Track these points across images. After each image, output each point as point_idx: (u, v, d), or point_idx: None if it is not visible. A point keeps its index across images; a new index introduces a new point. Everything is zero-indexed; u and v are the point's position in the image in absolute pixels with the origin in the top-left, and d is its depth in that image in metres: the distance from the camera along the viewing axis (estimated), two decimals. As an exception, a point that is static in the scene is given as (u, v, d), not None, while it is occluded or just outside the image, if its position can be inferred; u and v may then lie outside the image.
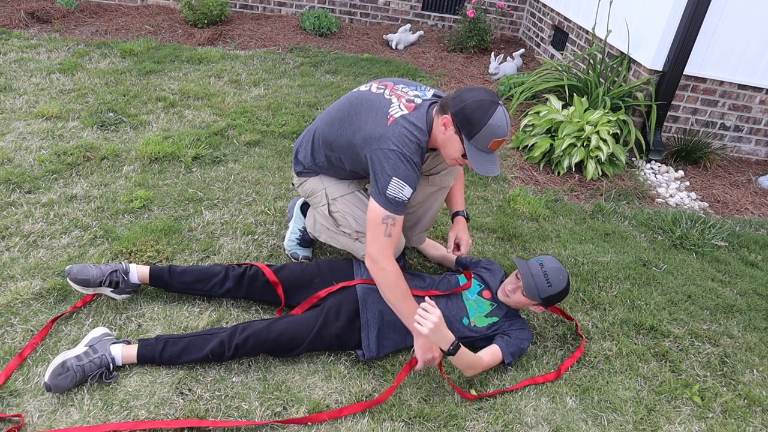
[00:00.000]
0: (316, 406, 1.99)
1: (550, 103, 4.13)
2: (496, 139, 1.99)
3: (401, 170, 2.00)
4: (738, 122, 4.46)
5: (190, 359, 2.05)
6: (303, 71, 5.02)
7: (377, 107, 2.10)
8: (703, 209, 3.77)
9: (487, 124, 1.96)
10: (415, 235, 2.64)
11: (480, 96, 1.98)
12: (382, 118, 2.06)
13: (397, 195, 2.01)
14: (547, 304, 2.24)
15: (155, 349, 2.03)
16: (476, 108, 1.96)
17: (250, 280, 2.32)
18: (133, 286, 2.29)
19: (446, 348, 1.98)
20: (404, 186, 2.01)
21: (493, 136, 1.98)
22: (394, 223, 2.04)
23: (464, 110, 1.97)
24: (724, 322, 2.72)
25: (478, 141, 1.99)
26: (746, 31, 4.08)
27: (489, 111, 1.96)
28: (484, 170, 2.02)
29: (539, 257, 2.26)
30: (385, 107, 2.09)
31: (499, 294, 2.31)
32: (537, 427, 2.04)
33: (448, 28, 6.81)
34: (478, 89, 2.01)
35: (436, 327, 1.93)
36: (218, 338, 2.06)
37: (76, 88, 4.10)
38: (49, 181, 2.99)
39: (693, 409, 2.22)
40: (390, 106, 2.09)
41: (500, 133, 1.98)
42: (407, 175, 2.01)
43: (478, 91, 2.00)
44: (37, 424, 1.81)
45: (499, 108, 1.98)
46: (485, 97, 1.97)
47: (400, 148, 2.00)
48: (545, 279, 2.18)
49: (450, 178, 2.45)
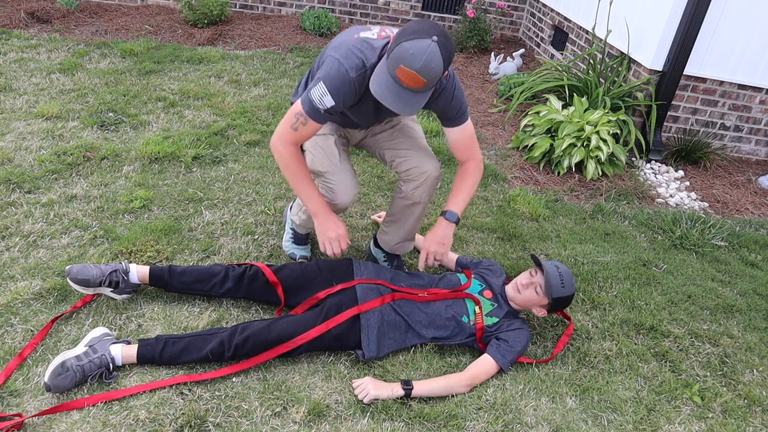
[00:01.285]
0: (316, 406, 1.99)
1: (550, 103, 4.13)
2: (402, 65, 1.77)
3: (330, 78, 1.93)
4: (738, 122, 4.46)
5: (190, 359, 2.05)
6: (303, 71, 5.02)
7: (355, 29, 2.04)
8: (703, 209, 3.77)
9: (401, 44, 1.77)
10: (396, 243, 2.58)
11: (422, 25, 1.79)
12: (349, 34, 2.01)
13: (316, 100, 1.95)
14: (554, 306, 2.26)
15: (155, 349, 2.03)
16: (407, 29, 1.80)
17: (250, 280, 2.32)
18: (133, 286, 2.29)
19: (401, 387, 2.05)
20: (326, 94, 1.93)
21: (399, 60, 1.77)
22: (305, 123, 2.00)
23: (400, 32, 1.82)
24: (724, 322, 2.72)
25: (389, 60, 1.82)
26: (746, 31, 4.08)
27: (413, 36, 1.77)
28: (378, 91, 1.85)
29: (552, 261, 2.31)
30: (360, 30, 2.03)
31: (508, 289, 2.32)
32: (537, 427, 2.04)
33: (448, 28, 6.81)
34: (430, 23, 1.82)
35: (374, 385, 2.04)
36: (218, 338, 2.06)
37: (76, 88, 4.10)
38: (49, 181, 2.99)
39: (693, 409, 2.22)
40: (365, 30, 2.02)
41: (408, 61, 1.76)
42: (334, 85, 1.93)
43: (427, 23, 1.81)
44: (37, 424, 1.81)
45: (425, 41, 1.75)
46: (424, 27, 1.78)
47: (342, 59, 1.93)
48: (560, 279, 2.22)
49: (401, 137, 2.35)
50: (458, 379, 2.12)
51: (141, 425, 1.84)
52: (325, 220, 2.11)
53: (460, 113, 2.17)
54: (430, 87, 1.85)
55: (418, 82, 1.80)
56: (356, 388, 2.05)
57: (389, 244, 2.59)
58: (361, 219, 3.05)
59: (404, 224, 2.49)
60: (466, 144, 2.25)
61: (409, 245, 2.63)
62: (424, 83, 1.81)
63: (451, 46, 1.82)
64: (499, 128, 4.47)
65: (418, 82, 1.80)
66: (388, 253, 2.64)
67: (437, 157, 3.77)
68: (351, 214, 3.09)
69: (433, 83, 1.83)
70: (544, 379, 2.24)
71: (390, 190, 3.34)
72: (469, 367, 2.17)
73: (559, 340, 2.40)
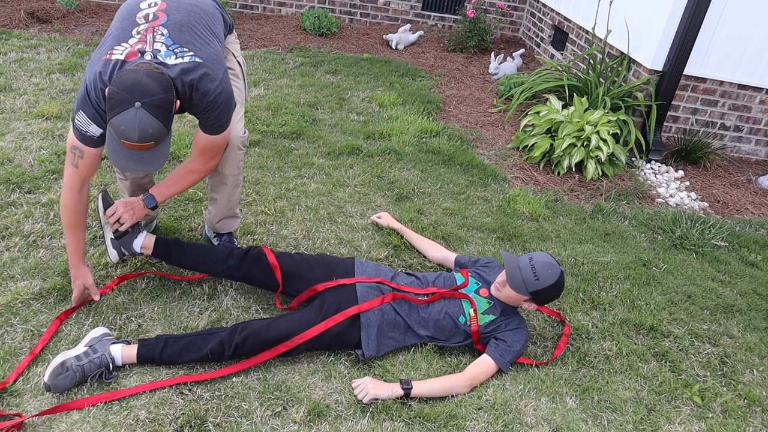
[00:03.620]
0: (316, 406, 1.99)
1: (550, 103, 4.13)
2: (123, 140, 1.77)
3: (88, 107, 1.89)
4: (738, 122, 4.46)
5: (190, 359, 2.05)
6: (303, 71, 5.02)
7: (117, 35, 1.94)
8: (703, 209, 3.77)
9: (110, 122, 1.77)
10: (218, 221, 2.59)
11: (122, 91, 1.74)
12: (107, 47, 1.92)
13: (84, 128, 1.92)
14: (539, 299, 2.21)
15: (155, 348, 2.03)
16: (112, 96, 1.75)
17: (253, 260, 2.34)
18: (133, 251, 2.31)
19: (401, 387, 2.05)
20: (90, 123, 1.91)
21: (119, 135, 1.77)
22: (82, 155, 1.97)
23: (109, 91, 1.77)
24: (724, 322, 2.72)
25: (112, 134, 1.81)
26: (746, 31, 4.08)
27: (116, 111, 1.74)
28: (117, 162, 1.85)
29: (532, 252, 2.25)
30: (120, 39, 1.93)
31: (492, 289, 2.30)
32: (537, 427, 2.04)
33: (448, 28, 6.81)
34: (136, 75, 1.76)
35: (374, 384, 2.04)
36: (218, 338, 2.06)
37: (76, 88, 4.10)
38: (49, 181, 2.99)
39: (693, 409, 2.22)
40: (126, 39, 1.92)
41: (126, 135, 1.75)
42: (93, 114, 1.90)
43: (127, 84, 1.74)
44: (37, 425, 1.81)
45: (130, 112, 1.72)
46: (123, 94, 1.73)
47: (88, 87, 1.88)
48: (532, 273, 2.15)
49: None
50: (458, 379, 2.12)
51: (141, 425, 1.85)
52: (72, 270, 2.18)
53: (218, 127, 2.13)
54: (161, 140, 1.85)
55: (146, 146, 1.80)
56: (356, 388, 2.05)
57: (212, 223, 2.61)
58: (361, 219, 3.06)
59: (221, 200, 2.51)
60: (207, 151, 2.19)
61: (233, 222, 2.63)
62: (153, 144, 1.82)
63: (165, 95, 1.78)
64: (499, 128, 4.47)
65: (146, 146, 1.81)
66: (217, 233, 2.65)
67: (436, 156, 3.79)
68: (351, 214, 3.09)
69: (163, 136, 1.84)
70: (544, 379, 2.24)
71: (390, 190, 3.35)
72: (469, 367, 2.17)
73: (559, 341, 2.40)
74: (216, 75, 1.98)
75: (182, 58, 1.92)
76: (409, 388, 2.04)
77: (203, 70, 1.94)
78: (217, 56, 2.03)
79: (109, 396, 1.91)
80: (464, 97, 5.02)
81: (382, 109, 4.43)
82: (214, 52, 2.02)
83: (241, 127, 2.37)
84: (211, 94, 1.98)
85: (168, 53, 1.91)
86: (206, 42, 2.02)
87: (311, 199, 3.17)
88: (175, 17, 1.99)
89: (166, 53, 1.91)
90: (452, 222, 3.14)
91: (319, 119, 4.13)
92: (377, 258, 2.76)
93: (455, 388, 2.11)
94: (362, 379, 2.07)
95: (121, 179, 2.49)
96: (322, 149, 3.72)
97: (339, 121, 4.15)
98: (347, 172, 3.49)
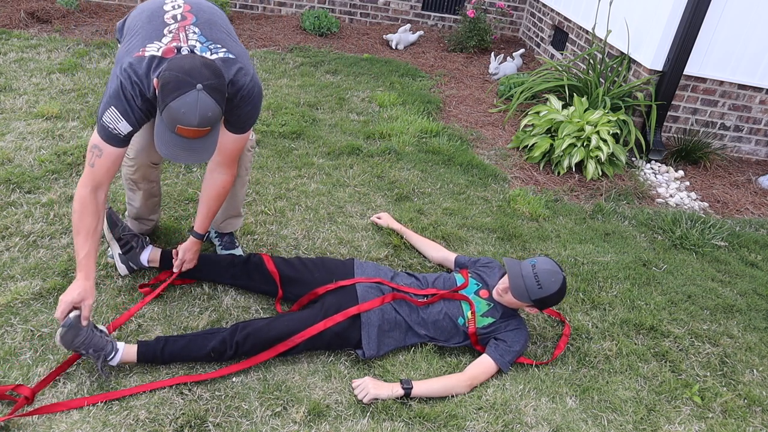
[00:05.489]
0: (316, 406, 1.99)
1: (550, 103, 4.13)
2: (180, 126, 1.73)
3: (120, 102, 1.85)
4: (738, 122, 4.46)
5: (192, 357, 2.05)
6: (303, 71, 5.02)
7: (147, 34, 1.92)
8: (703, 209, 3.77)
9: (168, 106, 1.72)
10: (222, 222, 2.59)
11: (183, 75, 1.71)
12: (137, 45, 1.89)
13: (111, 126, 1.87)
14: (541, 306, 2.21)
15: (156, 347, 2.03)
16: (168, 84, 1.71)
17: (254, 268, 2.37)
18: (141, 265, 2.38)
19: (401, 387, 2.05)
20: (121, 120, 1.87)
21: (175, 122, 1.72)
22: (101, 154, 1.91)
23: (164, 76, 1.74)
24: (724, 322, 2.72)
25: (165, 121, 1.76)
26: (746, 31, 4.08)
27: (177, 93, 1.70)
28: (167, 153, 1.80)
29: (534, 258, 2.24)
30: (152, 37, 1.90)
31: (493, 293, 2.30)
32: (537, 427, 2.04)
33: (448, 28, 6.81)
34: (190, 66, 1.73)
35: (374, 384, 2.04)
36: (220, 336, 2.06)
37: (76, 88, 4.10)
38: (49, 181, 2.99)
39: (693, 409, 2.22)
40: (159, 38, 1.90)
41: (184, 120, 1.71)
42: (125, 111, 1.86)
43: (186, 67, 1.72)
44: (36, 424, 1.81)
45: (191, 94, 1.69)
46: (184, 77, 1.70)
47: (123, 82, 1.84)
48: (535, 281, 2.14)
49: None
50: (458, 379, 2.12)
51: (141, 425, 1.85)
52: (75, 282, 1.96)
53: (246, 125, 2.11)
54: (217, 125, 1.82)
55: (201, 132, 1.76)
56: (356, 388, 2.05)
57: (216, 223, 2.60)
58: (361, 219, 3.06)
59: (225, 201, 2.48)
60: (233, 152, 2.17)
61: (236, 222, 2.64)
62: (209, 130, 1.78)
63: (220, 80, 1.77)
64: (499, 128, 4.47)
65: (202, 133, 1.77)
66: (219, 233, 2.65)
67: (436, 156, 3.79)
68: (351, 214, 3.09)
69: (218, 122, 1.80)
70: (544, 379, 2.24)
71: (390, 190, 3.35)
72: (469, 367, 2.17)
73: (559, 341, 2.40)
74: (249, 70, 1.98)
75: (217, 53, 1.92)
76: (410, 388, 2.04)
77: (238, 65, 1.94)
78: (246, 53, 2.04)
79: (109, 396, 1.91)
80: (464, 97, 5.02)
81: (382, 109, 4.43)
82: (243, 49, 2.04)
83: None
84: (245, 89, 1.97)
85: (203, 49, 1.90)
86: (234, 39, 2.04)
87: (311, 199, 3.17)
88: (202, 17, 1.99)
89: (202, 49, 1.90)
90: (452, 222, 3.14)
91: (319, 119, 4.13)
92: (377, 258, 2.76)
93: (455, 388, 2.11)
94: (362, 379, 2.07)
95: (132, 189, 2.46)
96: (322, 149, 3.72)
97: (339, 121, 4.15)
98: (347, 172, 3.49)
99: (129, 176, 2.39)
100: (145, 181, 2.42)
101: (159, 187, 2.55)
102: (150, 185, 2.46)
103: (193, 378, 2.01)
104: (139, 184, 2.42)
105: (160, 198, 2.60)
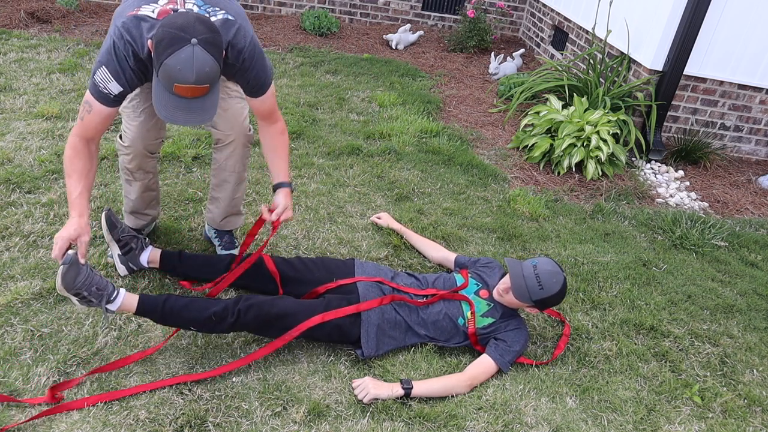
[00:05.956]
0: (316, 406, 1.99)
1: (550, 103, 4.13)
2: (176, 84, 1.67)
3: (111, 62, 1.82)
4: (738, 122, 4.46)
5: (192, 317, 2.05)
6: (303, 71, 5.02)
7: None
8: (703, 209, 3.77)
9: (163, 63, 1.66)
10: (221, 219, 2.59)
11: (177, 31, 1.65)
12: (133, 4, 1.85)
13: (101, 85, 1.85)
14: (542, 306, 2.22)
15: (158, 300, 2.06)
16: (164, 37, 1.66)
17: (254, 268, 2.36)
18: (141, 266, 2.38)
19: (401, 387, 2.05)
20: (110, 80, 1.83)
21: (171, 80, 1.67)
22: (90, 110, 1.90)
23: (157, 34, 1.68)
24: (724, 322, 2.72)
25: (161, 80, 1.71)
26: (746, 31, 4.08)
27: (172, 49, 1.64)
28: (166, 115, 1.75)
29: (535, 258, 2.24)
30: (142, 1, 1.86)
31: (494, 293, 2.30)
32: (537, 427, 2.04)
33: (448, 28, 6.81)
34: (182, 21, 1.67)
35: (374, 384, 2.03)
36: (223, 303, 2.07)
37: (76, 88, 4.10)
38: (49, 181, 2.99)
39: (693, 409, 2.22)
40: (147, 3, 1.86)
41: (180, 77, 1.66)
42: (116, 71, 1.83)
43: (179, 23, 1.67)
44: (36, 424, 1.81)
45: (186, 49, 1.64)
46: (178, 32, 1.65)
47: (117, 41, 1.81)
48: (537, 281, 2.15)
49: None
50: (458, 379, 2.12)
51: (141, 425, 1.85)
52: (69, 220, 1.94)
53: (261, 85, 2.07)
54: (215, 83, 1.77)
55: (200, 90, 1.72)
56: (356, 388, 2.05)
57: (215, 221, 2.61)
58: (361, 219, 3.06)
59: (224, 198, 2.52)
60: (268, 110, 2.16)
61: (236, 220, 2.63)
62: (208, 88, 1.73)
63: (215, 35, 1.71)
64: (499, 128, 4.47)
65: (200, 91, 1.72)
66: (219, 231, 2.65)
67: (436, 156, 3.79)
68: (351, 214, 3.09)
69: (217, 79, 1.76)
70: (544, 379, 2.24)
71: (390, 190, 3.35)
72: (469, 367, 2.17)
73: (559, 341, 2.40)
74: (248, 31, 1.94)
75: (215, 15, 1.88)
76: (410, 388, 2.04)
77: (236, 26, 1.90)
78: (243, 13, 2.00)
79: (109, 396, 1.91)
80: (464, 97, 5.02)
81: (382, 109, 4.43)
82: (241, 9, 2.00)
83: (247, 125, 2.39)
84: (245, 51, 1.94)
85: (201, 11, 1.86)
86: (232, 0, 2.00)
87: (311, 199, 3.17)
88: None
89: (200, 11, 1.86)
90: (452, 222, 3.14)
91: (319, 119, 4.13)
92: (377, 258, 2.76)
93: (455, 388, 2.11)
94: (362, 379, 2.07)
95: (129, 181, 2.46)
96: (322, 149, 3.72)
97: (339, 121, 4.15)
98: (347, 172, 3.49)
99: (125, 165, 2.39)
100: (141, 171, 2.41)
101: (156, 181, 2.55)
102: (146, 176, 2.45)
103: (193, 377, 2.01)
104: (135, 174, 2.42)
105: (158, 193, 2.59)
